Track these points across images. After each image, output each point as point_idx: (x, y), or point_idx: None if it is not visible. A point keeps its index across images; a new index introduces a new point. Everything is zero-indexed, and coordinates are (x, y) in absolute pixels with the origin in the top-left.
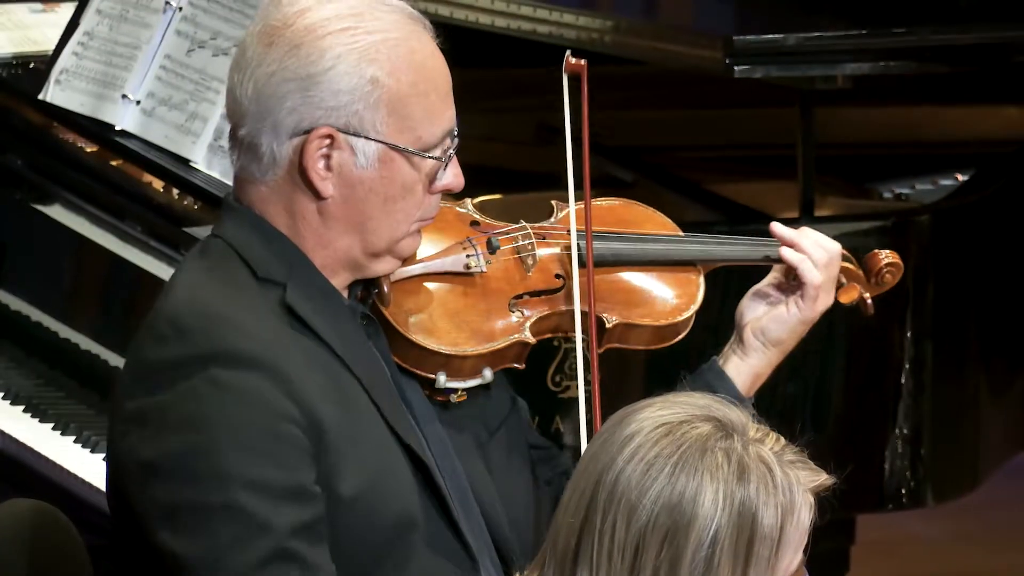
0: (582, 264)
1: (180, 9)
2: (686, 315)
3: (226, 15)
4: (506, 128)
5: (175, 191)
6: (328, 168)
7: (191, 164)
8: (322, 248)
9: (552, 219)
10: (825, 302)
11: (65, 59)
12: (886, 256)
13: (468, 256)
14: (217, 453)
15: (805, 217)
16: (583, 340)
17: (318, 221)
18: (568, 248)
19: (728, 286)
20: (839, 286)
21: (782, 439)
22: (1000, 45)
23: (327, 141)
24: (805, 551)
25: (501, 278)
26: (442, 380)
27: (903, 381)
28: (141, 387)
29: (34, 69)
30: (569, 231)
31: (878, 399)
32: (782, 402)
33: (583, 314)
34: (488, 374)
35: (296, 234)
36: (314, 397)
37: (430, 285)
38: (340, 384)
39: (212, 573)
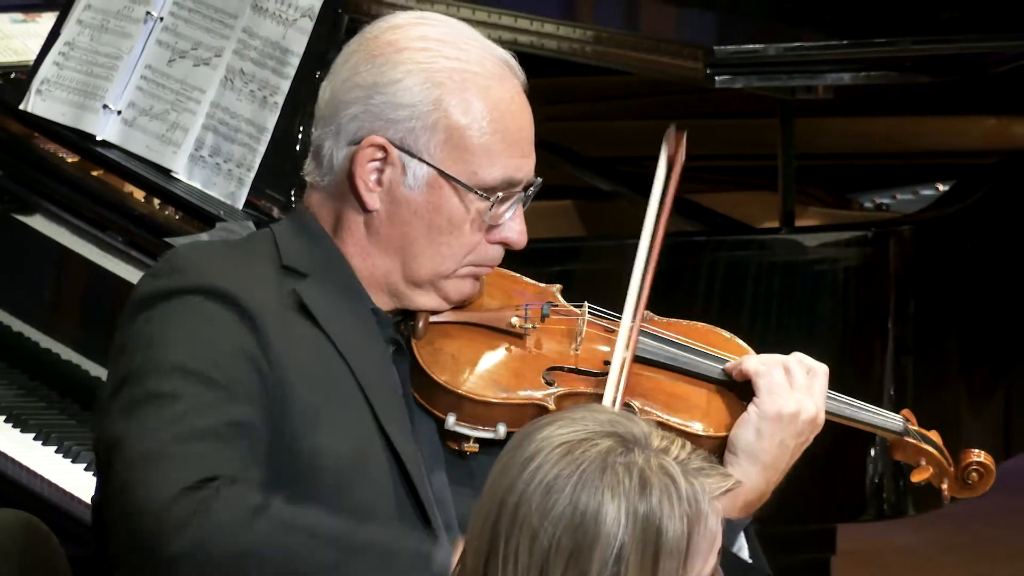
0: (636, 360)
1: (161, 19)
2: (723, 434)
3: (207, 25)
4: None
5: (156, 201)
6: (378, 183)
7: (172, 174)
8: (362, 258)
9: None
10: (784, 403)
11: (46, 69)
12: (978, 455)
13: (516, 316)
14: (174, 353)
15: (785, 227)
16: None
17: (362, 233)
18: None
19: None
20: (917, 465)
21: (688, 445)
22: (980, 56)
23: (380, 154)
24: (719, 553)
25: (545, 345)
26: (451, 421)
27: (884, 392)
28: (126, 318)
29: (15, 79)
30: (628, 323)
31: None
32: None
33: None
34: (502, 431)
35: (340, 240)
36: (286, 360)
37: (468, 334)
38: (329, 370)
39: (141, 440)
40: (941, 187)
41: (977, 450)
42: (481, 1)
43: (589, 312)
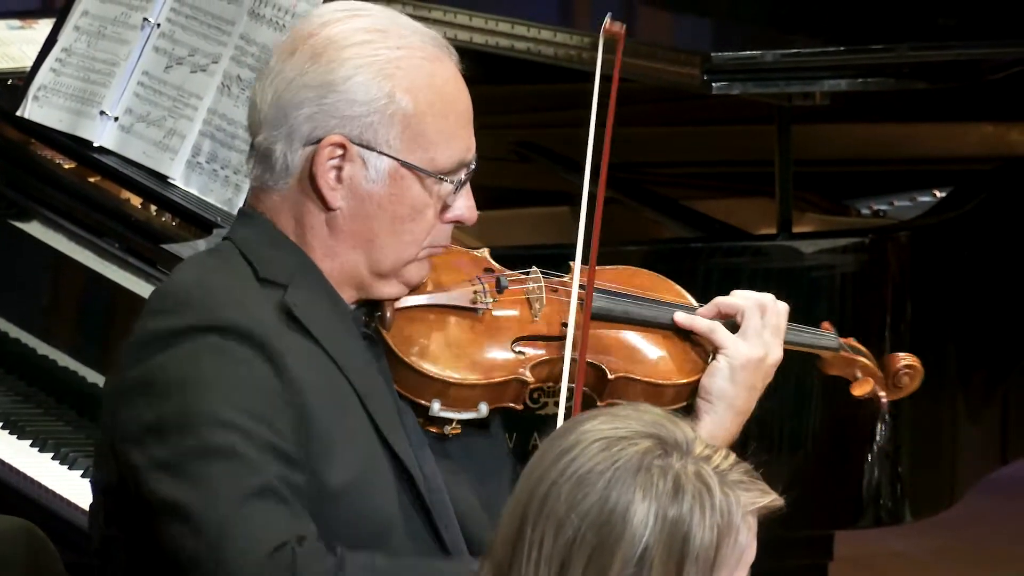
0: (594, 318)
1: (158, 26)
2: (684, 380)
3: (204, 32)
4: (484, 145)
5: (153, 208)
6: (339, 180)
7: (169, 181)
8: (329, 259)
9: (567, 274)
10: (753, 349)
11: (43, 75)
12: (904, 357)
13: (475, 292)
14: (213, 403)
15: (783, 234)
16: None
17: (326, 233)
18: (577, 299)
19: None
20: (854, 379)
21: (732, 457)
22: (977, 62)
23: (339, 152)
24: (752, 566)
25: (506, 318)
26: (436, 408)
27: None
28: (143, 355)
29: (12, 85)
30: (580, 283)
31: (856, 415)
32: (760, 418)
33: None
34: (484, 409)
35: (304, 243)
36: (303, 385)
37: (434, 316)
38: (332, 383)
39: (206, 509)
40: (938, 193)
41: (902, 353)
42: (478, 6)
43: (542, 275)
